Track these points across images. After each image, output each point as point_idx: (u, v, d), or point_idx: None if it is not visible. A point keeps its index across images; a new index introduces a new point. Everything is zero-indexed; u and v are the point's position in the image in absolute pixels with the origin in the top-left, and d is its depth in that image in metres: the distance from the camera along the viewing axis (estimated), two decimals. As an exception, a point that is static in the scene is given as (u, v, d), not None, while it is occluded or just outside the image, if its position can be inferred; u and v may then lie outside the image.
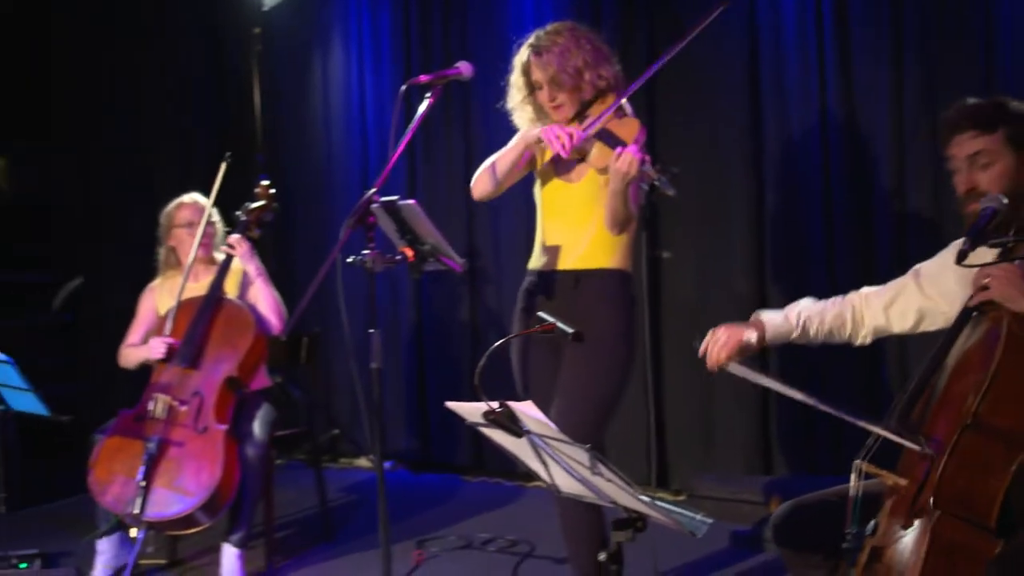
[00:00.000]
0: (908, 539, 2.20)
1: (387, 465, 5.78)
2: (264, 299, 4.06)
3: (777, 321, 2.69)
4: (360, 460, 5.97)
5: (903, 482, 2.29)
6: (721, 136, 4.84)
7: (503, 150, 3.31)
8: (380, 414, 3.07)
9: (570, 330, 2.37)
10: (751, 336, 2.63)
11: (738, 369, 2.51)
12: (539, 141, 3.20)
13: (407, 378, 5.80)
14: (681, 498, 4.86)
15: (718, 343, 2.61)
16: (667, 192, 2.93)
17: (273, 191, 4.16)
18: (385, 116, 5.77)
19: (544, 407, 3.12)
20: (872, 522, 2.29)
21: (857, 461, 2.30)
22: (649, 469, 5.01)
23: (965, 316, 2.34)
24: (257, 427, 3.90)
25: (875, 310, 2.71)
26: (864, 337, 2.76)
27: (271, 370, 4.21)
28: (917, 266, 2.71)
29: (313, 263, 5.75)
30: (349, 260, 2.97)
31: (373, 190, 2.96)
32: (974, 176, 2.43)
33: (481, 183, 3.33)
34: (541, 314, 2.50)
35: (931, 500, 2.17)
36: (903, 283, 2.70)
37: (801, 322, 2.70)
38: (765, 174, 4.74)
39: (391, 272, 5.59)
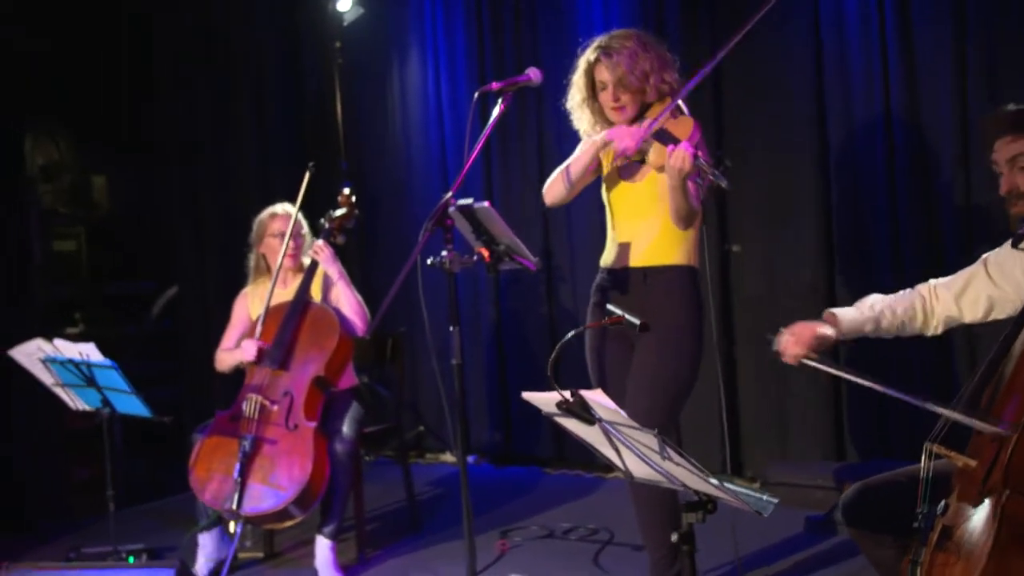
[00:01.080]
0: (978, 518, 2.19)
1: (471, 459, 5.83)
2: (347, 302, 4.15)
3: (851, 315, 2.69)
4: (446, 455, 6.04)
5: (973, 463, 2.27)
6: (786, 130, 4.81)
7: (573, 157, 3.36)
8: (463, 409, 3.12)
9: (637, 321, 2.40)
10: (827, 330, 2.63)
11: (814, 363, 2.53)
12: (607, 144, 3.24)
13: (488, 374, 5.85)
14: (756, 485, 4.84)
15: (794, 338, 2.60)
16: (721, 184, 2.96)
17: (354, 199, 4.24)
18: (461, 123, 5.84)
19: (618, 399, 3.16)
20: (943, 502, 2.28)
21: (928, 443, 2.30)
22: (724, 457, 4.99)
23: None
24: (346, 424, 3.99)
25: (946, 300, 2.70)
26: (936, 328, 2.74)
27: (358, 369, 4.29)
28: (985, 255, 2.69)
29: (395, 266, 5.80)
30: (429, 261, 3.02)
31: (450, 194, 3.01)
32: (1015, 178, 2.44)
33: (554, 189, 3.38)
34: (610, 307, 2.53)
35: (1001, 480, 2.15)
36: (973, 272, 2.68)
37: (875, 315, 2.69)
38: (830, 167, 4.70)
39: (472, 271, 5.66)
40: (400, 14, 6.12)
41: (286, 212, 4.26)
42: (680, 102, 3.26)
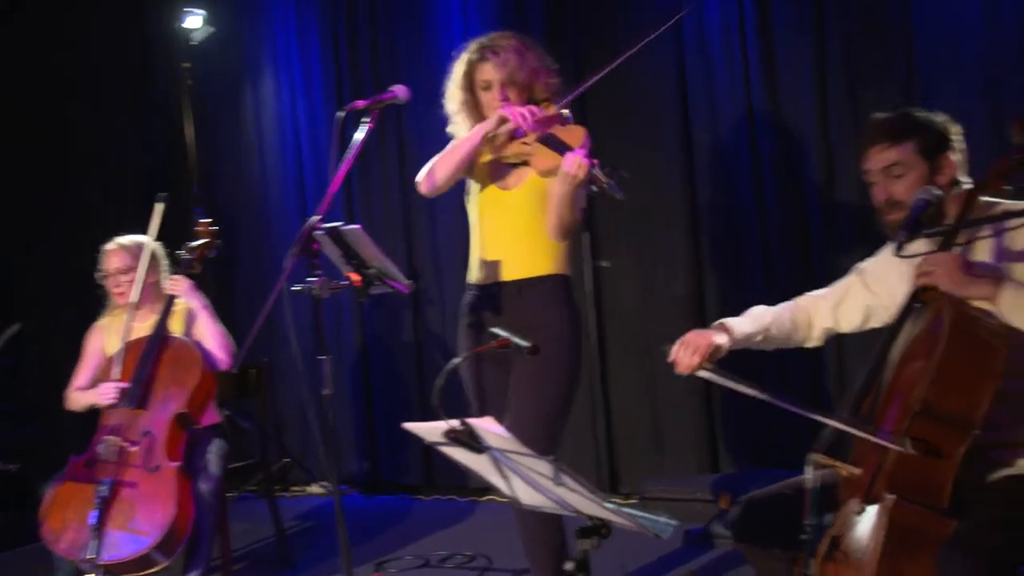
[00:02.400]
0: (865, 526, 2.23)
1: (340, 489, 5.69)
2: (210, 335, 3.98)
3: (743, 326, 2.71)
4: (312, 487, 5.88)
5: (857, 471, 2.31)
6: (653, 140, 4.87)
7: (461, 140, 3.26)
8: (334, 440, 3.02)
9: (525, 344, 2.35)
10: (720, 340, 2.63)
11: (708, 374, 2.53)
12: (501, 122, 3.16)
13: (354, 402, 5.73)
14: (632, 501, 4.86)
15: (689, 348, 2.59)
16: (616, 196, 2.95)
17: (214, 227, 4.08)
18: (320, 144, 5.72)
19: (499, 421, 3.10)
20: (829, 513, 2.32)
21: (811, 454, 2.32)
22: (599, 474, 5.01)
23: (908, 309, 2.39)
24: (210, 462, 3.83)
25: (824, 312, 2.77)
26: (816, 339, 2.82)
27: (219, 404, 4.12)
28: (859, 265, 2.76)
29: (255, 294, 5.68)
30: (296, 289, 2.92)
31: (317, 217, 2.92)
32: (890, 187, 2.50)
33: (431, 177, 3.25)
34: (495, 330, 2.47)
35: (885, 487, 2.20)
36: (848, 283, 2.75)
37: (765, 325, 2.73)
38: (698, 177, 4.79)
39: (334, 298, 5.53)
40: (252, 33, 5.96)
41: (120, 247, 4.06)
42: (566, 111, 3.25)
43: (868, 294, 2.71)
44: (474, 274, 3.35)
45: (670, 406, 4.89)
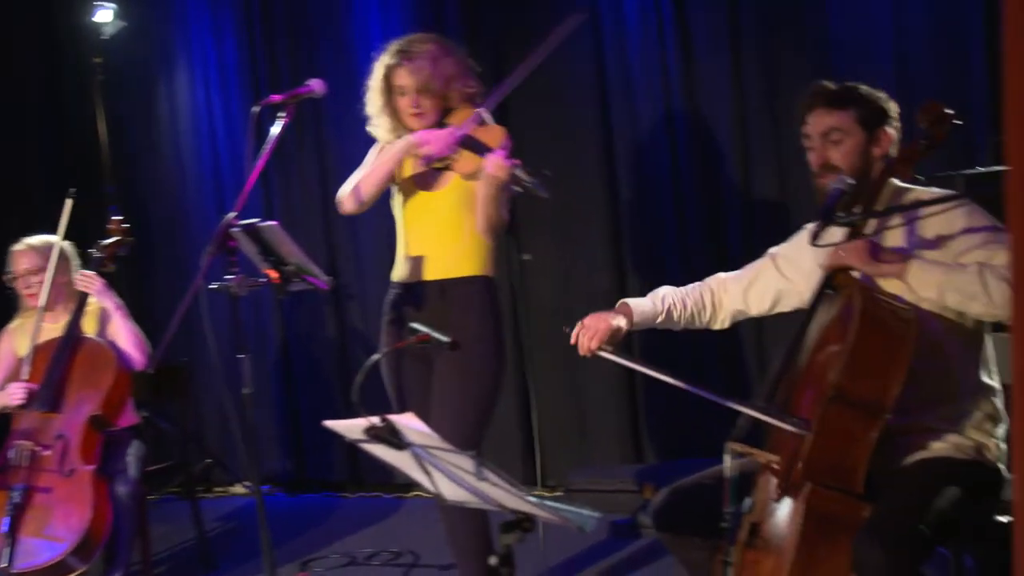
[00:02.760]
0: (783, 513, 2.27)
1: (263, 489, 5.62)
2: (124, 334, 3.89)
3: (643, 306, 2.75)
4: (235, 487, 5.81)
5: (775, 459, 2.35)
6: (572, 136, 4.90)
7: (375, 161, 3.27)
8: (255, 439, 2.99)
9: (445, 339, 2.35)
10: (620, 321, 2.66)
11: (610, 355, 2.56)
12: (415, 146, 3.16)
13: (277, 400, 5.68)
14: (558, 494, 4.89)
15: (589, 330, 2.62)
16: (540, 194, 2.96)
17: (126, 224, 3.99)
18: (236, 139, 5.64)
19: (420, 419, 3.09)
20: (748, 500, 2.36)
21: (729, 442, 2.36)
22: (525, 468, 5.03)
23: (820, 296, 2.43)
24: (128, 464, 3.75)
25: (734, 294, 2.80)
26: (723, 321, 2.85)
27: (137, 404, 4.04)
28: (772, 249, 2.80)
29: (174, 293, 5.56)
30: (213, 286, 2.89)
31: (233, 214, 2.89)
32: (827, 151, 2.53)
33: (356, 195, 3.25)
34: (415, 325, 2.47)
35: (802, 473, 2.23)
36: (760, 266, 2.79)
37: (665, 307, 2.76)
38: (618, 171, 4.82)
39: (254, 296, 5.44)
40: (164, 26, 5.84)
41: (29, 247, 3.96)
42: (484, 112, 3.24)
43: (779, 278, 2.75)
44: (398, 272, 3.34)
45: (593, 398, 4.93)
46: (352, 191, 3.27)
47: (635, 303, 2.74)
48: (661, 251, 4.73)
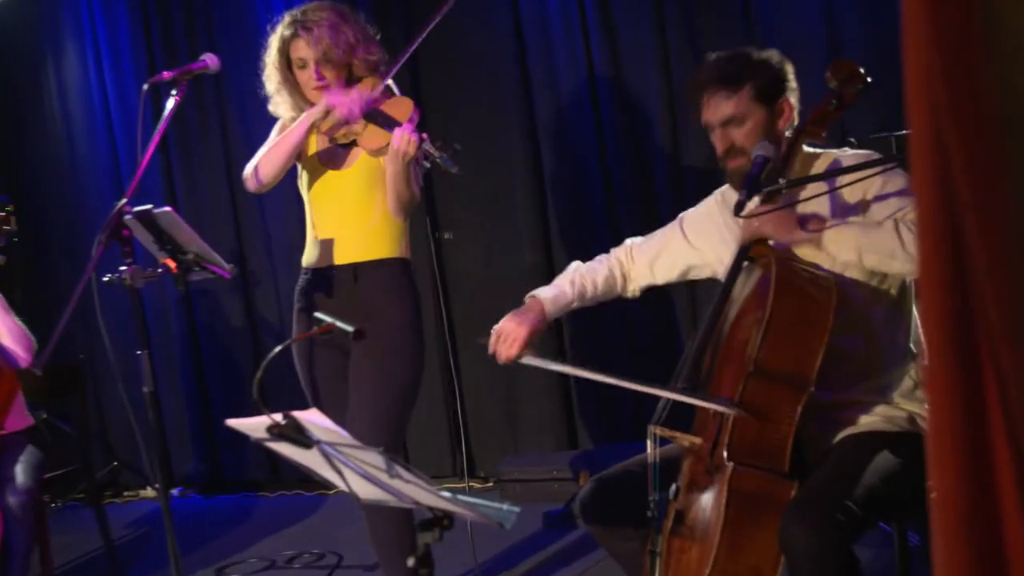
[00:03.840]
0: (708, 496, 2.33)
1: (176, 492, 5.63)
2: (5, 330, 3.83)
3: (554, 295, 2.78)
4: (146, 491, 5.78)
5: (698, 441, 2.40)
6: (490, 105, 4.93)
7: (285, 133, 3.26)
8: (162, 439, 2.99)
9: (350, 328, 2.36)
10: (534, 323, 2.69)
11: (531, 360, 2.63)
12: (327, 112, 3.16)
13: (188, 397, 5.65)
14: (490, 485, 4.95)
15: (506, 338, 2.67)
16: (450, 169, 3.00)
17: (10, 211, 3.93)
18: (132, 120, 5.56)
19: (339, 412, 3.13)
20: (673, 485, 2.40)
21: (651, 426, 2.41)
22: (455, 459, 5.08)
23: (737, 267, 2.47)
24: (19, 472, 3.70)
25: (640, 266, 2.84)
26: (633, 292, 2.88)
27: (34, 406, 4.00)
28: (682, 215, 2.84)
29: (68, 286, 5.48)
30: (106, 279, 2.87)
31: (124, 200, 2.88)
32: (729, 135, 2.56)
33: (259, 173, 3.25)
34: (318, 315, 2.48)
35: (725, 454, 2.29)
36: (668, 236, 2.82)
37: (577, 291, 2.79)
38: (540, 142, 4.86)
39: (157, 286, 5.43)
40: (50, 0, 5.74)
41: None
42: (391, 82, 3.27)
43: (688, 249, 2.78)
44: (308, 256, 3.35)
45: (524, 382, 4.97)
46: (256, 168, 3.27)
47: (545, 295, 2.77)
48: (589, 223, 4.79)
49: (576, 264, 2.87)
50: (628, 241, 2.89)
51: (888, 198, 2.44)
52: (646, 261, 2.83)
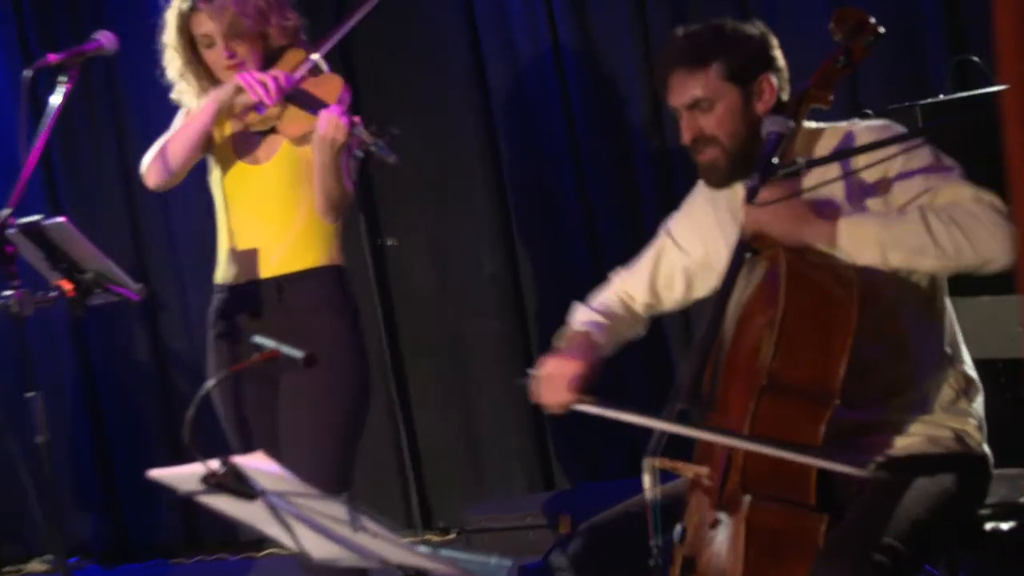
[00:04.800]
0: (722, 537, 2.33)
1: (71, 562, 5.58)
2: None
3: (592, 322, 2.78)
4: (32, 563, 5.73)
5: (704, 471, 2.40)
6: (438, 86, 4.96)
7: (188, 119, 3.28)
8: (55, 499, 2.98)
9: (299, 354, 2.37)
10: (587, 356, 2.68)
11: (588, 407, 2.60)
12: (238, 92, 3.18)
13: (82, 446, 5.60)
14: (451, 537, 4.96)
15: (553, 381, 2.64)
16: (387, 159, 3.02)
17: None
18: (7, 113, 5.51)
19: (273, 455, 3.11)
20: (678, 526, 2.41)
21: (647, 458, 2.38)
22: (408, 508, 5.07)
23: (738, 262, 2.45)
24: None
25: (641, 292, 2.85)
26: (644, 325, 2.92)
27: None
28: (666, 223, 2.86)
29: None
30: (-13, 306, 2.87)
31: (7, 211, 2.87)
32: (697, 121, 2.58)
33: (159, 164, 3.27)
34: (258, 339, 2.48)
35: (739, 485, 2.30)
36: (659, 248, 2.84)
37: (609, 317, 2.81)
38: (499, 130, 4.89)
39: (43, 316, 5.38)
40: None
41: None
42: (318, 57, 3.29)
43: (682, 255, 2.79)
44: (223, 271, 3.35)
45: (488, 414, 5.00)
46: (154, 159, 3.29)
47: (584, 328, 2.76)
48: (560, 223, 4.82)
49: (578, 303, 2.88)
50: (614, 272, 2.91)
51: (913, 176, 2.45)
52: (645, 284, 2.83)
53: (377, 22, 4.80)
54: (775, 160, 2.43)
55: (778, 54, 2.63)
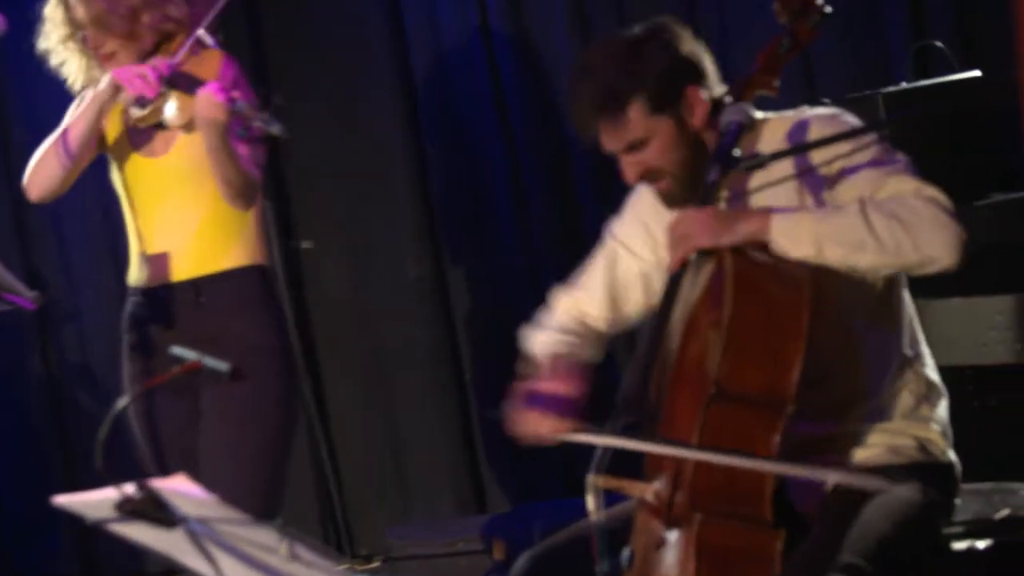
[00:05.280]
0: (672, 559, 2.36)
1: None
2: None
3: (575, 350, 2.77)
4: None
5: (651, 488, 2.43)
6: (355, 75, 4.98)
7: (66, 121, 3.30)
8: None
9: (224, 367, 2.37)
10: (578, 384, 2.65)
11: (580, 436, 2.56)
12: (116, 89, 3.21)
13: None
14: (375, 564, 4.97)
15: (542, 413, 2.62)
16: (272, 131, 3.07)
17: None
18: None
19: (193, 476, 3.12)
20: (626, 550, 2.44)
21: (590, 476, 2.40)
22: (326, 532, 5.07)
23: (681, 265, 2.47)
24: None
25: (597, 306, 2.84)
26: (604, 347, 2.91)
27: None
28: (610, 227, 2.88)
29: None
30: None
31: None
32: (636, 158, 2.59)
33: (44, 174, 3.30)
34: (177, 350, 2.49)
35: (688, 503, 2.32)
36: (608, 256, 2.84)
37: (578, 339, 2.80)
38: (423, 122, 4.91)
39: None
40: None
41: None
42: (203, 33, 3.30)
43: (635, 259, 2.80)
44: (135, 273, 3.36)
45: (414, 430, 5.02)
46: (34, 169, 3.30)
47: (549, 351, 2.74)
48: (490, 222, 4.86)
49: (540, 333, 2.86)
50: (555, 297, 2.89)
51: (859, 170, 2.48)
52: (600, 296, 2.83)
53: (290, 9, 4.85)
54: (736, 152, 2.47)
55: (694, 55, 2.62)
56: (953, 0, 4.23)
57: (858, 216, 2.36)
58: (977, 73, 3.83)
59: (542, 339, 2.82)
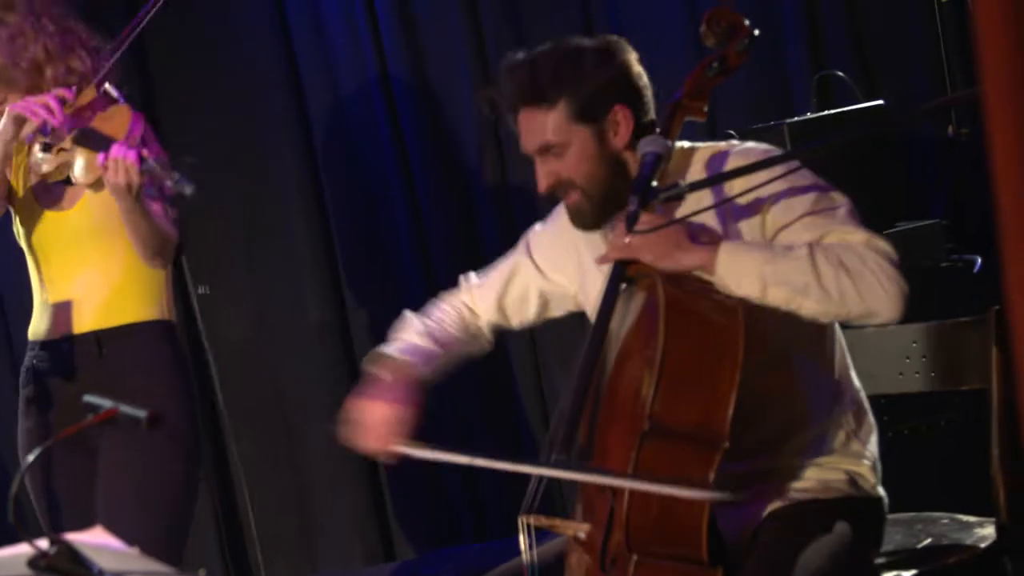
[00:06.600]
0: None
1: None
2: None
3: (413, 350, 2.75)
4: None
5: (585, 528, 2.41)
6: (250, 116, 4.93)
7: None
8: None
9: (142, 414, 2.32)
10: (406, 393, 2.64)
11: (414, 450, 2.56)
12: (19, 123, 3.14)
13: None
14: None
15: (370, 426, 2.61)
16: (184, 191, 3.02)
17: None
18: None
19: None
20: None
21: (522, 516, 2.39)
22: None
23: (613, 291, 2.44)
24: None
25: (487, 310, 2.86)
26: (489, 343, 2.93)
27: None
28: (529, 235, 2.87)
29: None
30: None
31: None
32: (550, 167, 2.58)
33: None
34: (90, 399, 2.42)
35: (623, 542, 2.29)
36: (514, 265, 2.85)
37: (437, 338, 2.79)
38: (321, 167, 4.88)
39: None
40: None
41: None
42: (108, 87, 3.29)
43: (540, 278, 2.80)
44: (35, 326, 3.33)
45: (319, 476, 4.96)
46: None
47: (406, 360, 2.72)
48: (392, 263, 4.84)
49: (408, 313, 2.88)
50: (465, 278, 2.93)
51: (792, 200, 2.46)
52: (493, 300, 2.84)
53: (180, 44, 4.77)
54: (654, 183, 2.44)
55: (634, 77, 2.60)
56: (851, 31, 4.28)
57: (807, 260, 2.34)
58: (880, 102, 3.88)
59: (410, 335, 2.82)
